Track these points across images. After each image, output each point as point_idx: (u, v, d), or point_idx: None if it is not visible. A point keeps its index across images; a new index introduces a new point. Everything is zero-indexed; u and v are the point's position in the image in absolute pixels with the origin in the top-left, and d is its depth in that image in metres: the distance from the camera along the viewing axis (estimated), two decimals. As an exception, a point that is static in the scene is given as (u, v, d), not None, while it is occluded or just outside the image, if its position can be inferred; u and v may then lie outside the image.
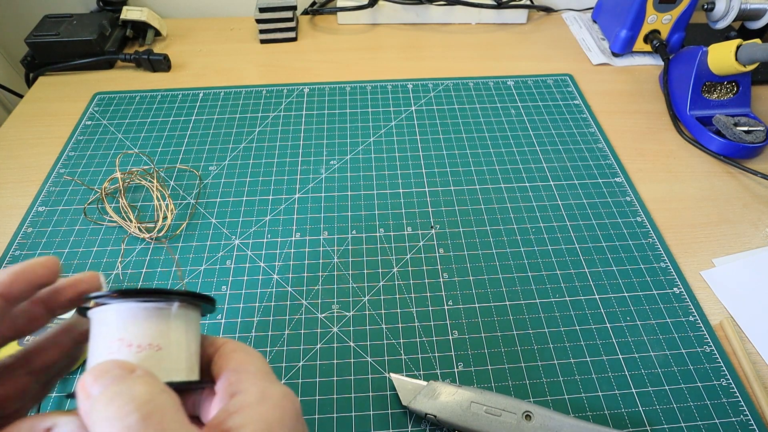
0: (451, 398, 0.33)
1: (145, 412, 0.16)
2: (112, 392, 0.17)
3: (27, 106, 0.61)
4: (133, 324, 0.19)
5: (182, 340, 0.21)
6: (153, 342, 0.19)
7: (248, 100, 0.61)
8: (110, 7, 0.71)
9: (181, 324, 0.21)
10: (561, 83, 0.64)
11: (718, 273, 0.44)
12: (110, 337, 0.19)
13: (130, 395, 0.17)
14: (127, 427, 0.16)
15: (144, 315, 0.20)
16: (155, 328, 0.20)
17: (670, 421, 0.35)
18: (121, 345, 0.19)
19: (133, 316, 0.19)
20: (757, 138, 0.52)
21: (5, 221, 0.48)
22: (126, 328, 0.19)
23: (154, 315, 0.20)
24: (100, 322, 0.20)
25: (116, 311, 0.19)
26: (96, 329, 0.20)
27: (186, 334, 0.21)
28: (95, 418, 0.17)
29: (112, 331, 0.19)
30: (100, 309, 0.20)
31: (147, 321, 0.20)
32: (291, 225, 0.47)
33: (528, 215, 0.48)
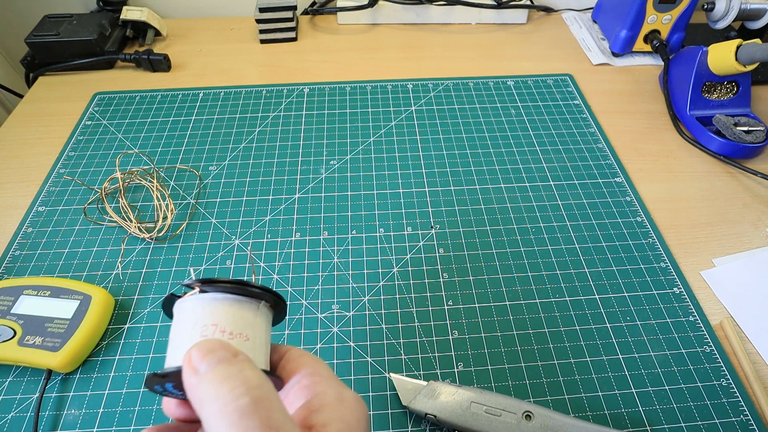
0: (451, 398, 0.33)
1: (256, 396, 0.17)
2: (222, 372, 0.17)
3: (27, 106, 0.61)
4: (226, 312, 0.20)
5: (264, 336, 0.22)
6: (243, 332, 0.20)
7: (248, 100, 0.61)
8: (110, 7, 0.71)
9: (263, 321, 0.22)
10: (561, 83, 0.64)
11: (718, 273, 0.44)
12: (205, 322, 0.20)
13: (242, 378, 0.17)
14: (239, 408, 0.16)
15: (237, 306, 0.21)
16: (245, 319, 0.21)
17: (670, 421, 0.35)
18: (215, 330, 0.20)
19: (228, 306, 0.21)
20: (757, 138, 0.52)
21: (5, 221, 0.48)
22: (221, 316, 0.20)
23: (246, 307, 0.21)
24: (194, 308, 0.21)
25: (214, 299, 0.21)
26: (189, 314, 0.21)
27: (266, 330, 0.22)
28: (205, 395, 0.17)
29: (207, 316, 0.20)
30: (196, 296, 0.21)
31: (239, 312, 0.21)
32: (291, 225, 0.47)
33: (528, 215, 0.48)
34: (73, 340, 0.37)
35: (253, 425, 0.16)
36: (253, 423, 0.16)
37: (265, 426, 0.16)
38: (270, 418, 0.17)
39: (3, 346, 0.36)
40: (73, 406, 0.36)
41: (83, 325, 0.37)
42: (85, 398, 0.36)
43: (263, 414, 0.17)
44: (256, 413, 0.16)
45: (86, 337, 0.37)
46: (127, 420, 0.35)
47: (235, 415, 0.16)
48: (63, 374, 0.37)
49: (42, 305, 0.38)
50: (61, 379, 0.37)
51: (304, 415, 0.20)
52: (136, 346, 0.39)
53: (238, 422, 0.16)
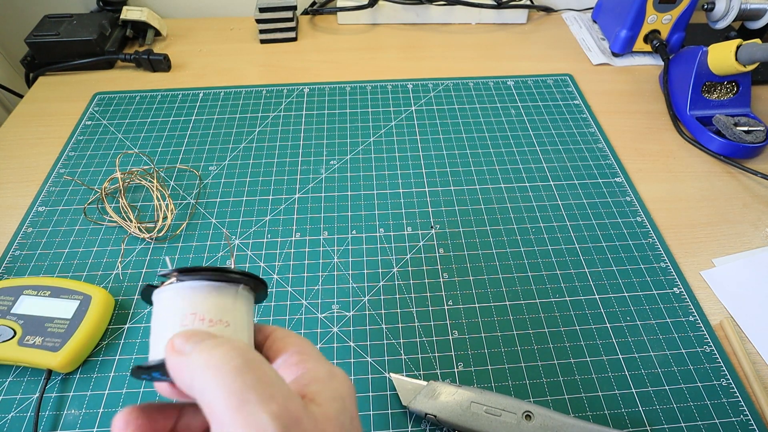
0: (451, 398, 0.33)
1: (248, 358, 0.18)
2: (210, 345, 0.18)
3: (27, 106, 0.61)
4: (205, 300, 0.21)
5: (245, 319, 0.22)
6: (222, 318, 0.21)
7: (248, 100, 0.61)
8: (110, 7, 0.71)
9: (243, 305, 0.22)
10: (561, 83, 0.64)
11: (718, 273, 0.44)
12: (184, 311, 0.20)
13: (230, 344, 0.18)
14: (235, 368, 0.17)
15: (216, 293, 0.21)
16: (224, 305, 0.21)
17: (670, 421, 0.35)
18: (194, 318, 0.20)
19: (207, 293, 0.21)
20: (757, 138, 0.52)
21: (5, 221, 0.48)
22: (199, 304, 0.20)
23: (224, 293, 0.21)
24: (172, 297, 0.21)
25: (191, 287, 0.21)
26: (168, 303, 0.21)
27: (247, 313, 0.22)
28: (195, 366, 0.18)
29: (186, 305, 0.20)
30: (173, 286, 0.21)
31: (218, 298, 0.21)
32: (291, 225, 0.47)
33: (528, 215, 0.48)
34: (73, 340, 0.37)
35: (251, 380, 0.17)
36: (250, 378, 0.17)
37: (261, 381, 0.17)
38: (265, 373, 0.18)
39: (3, 346, 0.36)
40: (73, 406, 0.36)
41: (83, 325, 0.37)
42: (85, 398, 0.36)
43: (258, 371, 0.17)
44: (250, 371, 0.17)
45: (86, 337, 0.37)
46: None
47: (231, 374, 0.17)
48: (63, 374, 0.37)
49: (42, 305, 0.38)
50: (61, 379, 0.37)
51: (297, 388, 0.20)
52: (136, 346, 0.39)
53: (235, 380, 0.17)
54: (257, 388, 0.17)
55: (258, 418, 0.16)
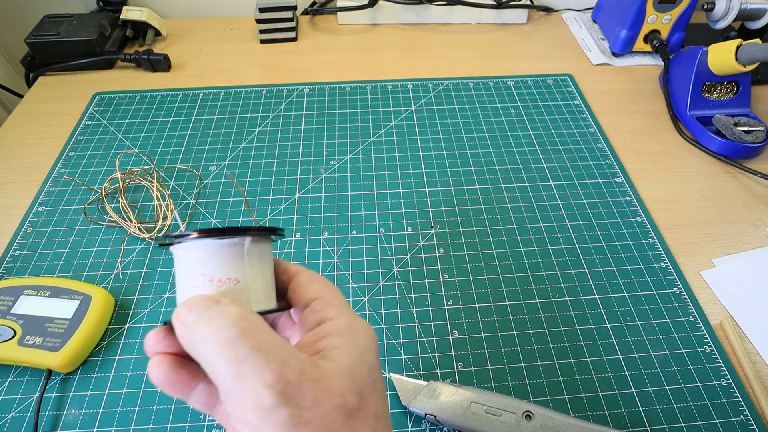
0: (451, 398, 0.33)
1: (242, 326, 0.18)
2: (208, 316, 0.19)
3: (27, 106, 0.61)
4: (212, 260, 0.21)
5: (257, 272, 0.22)
6: (231, 276, 0.21)
7: (248, 100, 0.61)
8: (110, 7, 0.71)
9: (255, 257, 0.22)
10: (561, 83, 0.64)
11: (718, 273, 0.44)
12: (194, 272, 0.21)
13: (225, 314, 0.19)
14: (227, 340, 0.18)
15: (221, 251, 0.21)
16: (232, 263, 0.21)
17: (670, 421, 0.35)
18: (203, 279, 0.21)
19: (212, 253, 0.21)
20: (757, 138, 0.52)
21: (5, 221, 0.48)
22: (206, 264, 0.21)
23: (230, 251, 0.21)
24: (183, 258, 0.22)
25: (197, 248, 0.21)
26: (180, 264, 0.22)
27: (260, 265, 0.22)
28: (196, 339, 0.19)
29: (195, 266, 0.21)
30: (181, 246, 0.21)
31: (224, 257, 0.21)
32: (291, 225, 0.47)
33: (528, 215, 0.48)
34: (73, 340, 0.37)
35: (244, 350, 0.18)
36: (243, 348, 0.18)
37: (254, 349, 0.18)
38: (259, 342, 0.18)
39: (3, 346, 0.36)
40: (73, 406, 0.36)
41: (83, 325, 0.37)
42: (85, 398, 0.36)
43: (251, 340, 0.18)
44: (243, 341, 0.18)
45: (86, 337, 0.37)
46: (127, 420, 0.35)
47: (225, 346, 0.18)
48: (63, 374, 0.37)
49: (42, 305, 0.38)
50: (61, 379, 0.37)
51: (314, 340, 0.21)
52: (136, 346, 0.39)
53: (229, 351, 0.18)
54: (251, 358, 0.18)
55: (253, 388, 0.17)
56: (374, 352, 0.21)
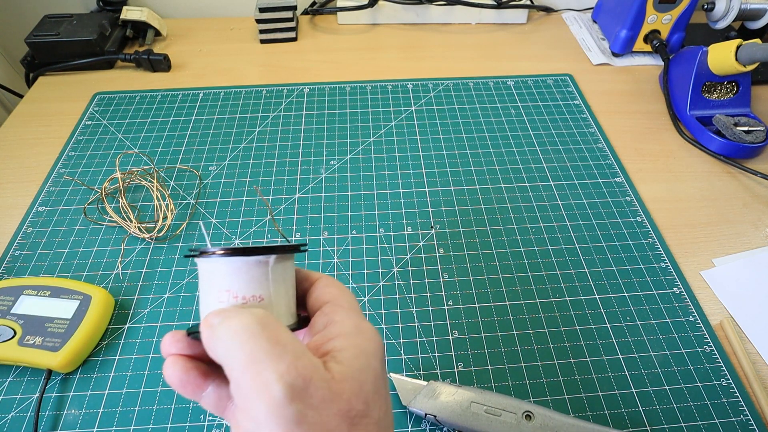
0: (451, 398, 0.33)
1: (263, 322, 0.19)
2: (231, 315, 0.20)
3: (27, 106, 0.61)
4: (237, 278, 0.22)
5: (280, 289, 0.23)
6: (256, 294, 0.22)
7: (248, 100, 0.61)
8: (110, 7, 0.71)
9: (279, 274, 0.23)
10: (561, 83, 0.64)
11: (718, 273, 0.44)
12: (219, 288, 0.22)
13: (248, 313, 0.19)
14: (246, 328, 0.19)
15: (246, 269, 0.22)
16: (257, 281, 0.22)
17: (670, 421, 0.35)
18: (229, 296, 0.21)
19: (238, 270, 0.22)
20: (757, 138, 0.52)
21: (5, 221, 0.48)
22: (232, 281, 0.22)
23: (255, 269, 0.22)
24: (209, 272, 0.22)
25: (224, 264, 0.22)
26: (206, 277, 0.22)
27: (284, 282, 0.23)
28: (219, 334, 0.19)
29: (221, 282, 0.22)
30: (208, 260, 0.22)
31: (249, 275, 0.22)
32: (291, 225, 0.47)
33: (528, 215, 0.48)
34: (73, 340, 0.37)
35: (261, 341, 0.18)
36: (261, 339, 0.18)
37: (273, 342, 0.18)
38: (277, 336, 0.19)
39: (3, 346, 0.36)
40: (73, 406, 0.36)
41: (83, 325, 0.37)
42: (85, 398, 0.36)
43: (270, 334, 0.19)
44: (263, 333, 0.18)
45: (86, 337, 0.37)
46: (127, 420, 0.35)
47: (245, 335, 0.18)
48: (63, 374, 0.37)
49: (42, 305, 0.38)
50: (61, 379, 0.37)
51: (321, 342, 0.21)
52: (136, 346, 0.39)
53: (247, 340, 0.18)
54: (268, 349, 0.18)
55: (265, 377, 0.18)
56: (380, 357, 0.22)
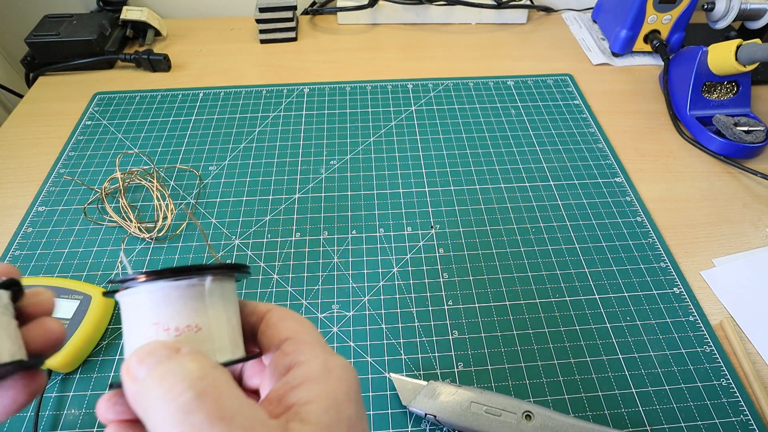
0: (451, 398, 0.33)
1: (200, 389, 0.15)
2: (161, 371, 0.16)
3: (27, 106, 0.61)
4: (166, 306, 0.18)
5: (222, 316, 0.19)
6: (191, 323, 0.18)
7: (248, 100, 0.61)
8: (110, 7, 0.71)
9: (218, 299, 0.19)
10: (561, 83, 0.64)
11: (718, 273, 0.44)
12: (145, 322, 0.18)
13: (181, 373, 0.16)
14: (181, 407, 0.15)
15: (177, 295, 0.18)
16: (191, 308, 0.18)
17: (670, 421, 0.35)
18: (157, 329, 0.18)
19: (166, 297, 0.18)
20: (757, 138, 0.52)
21: (5, 221, 0.48)
22: (160, 312, 0.18)
23: (188, 294, 0.18)
24: (131, 307, 0.18)
25: (147, 293, 0.18)
26: (128, 314, 0.19)
27: (224, 309, 0.19)
28: (146, 400, 0.16)
29: (146, 315, 0.18)
30: (128, 292, 0.18)
31: (181, 301, 0.18)
32: (291, 225, 0.47)
33: (528, 215, 0.48)
34: (73, 340, 0.37)
35: (201, 420, 0.15)
36: (200, 417, 0.15)
37: (214, 418, 0.15)
38: (220, 408, 0.15)
39: None
40: (73, 406, 0.36)
41: (83, 325, 0.37)
42: (85, 398, 0.36)
43: (211, 406, 0.15)
44: (201, 408, 0.15)
45: (86, 337, 0.37)
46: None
47: (179, 414, 0.15)
48: (63, 374, 0.37)
49: (42, 305, 0.38)
50: (61, 378, 0.37)
51: (284, 391, 0.18)
52: (136, 346, 0.39)
53: (183, 421, 0.15)
54: (209, 429, 0.15)
55: None
56: (354, 399, 0.19)
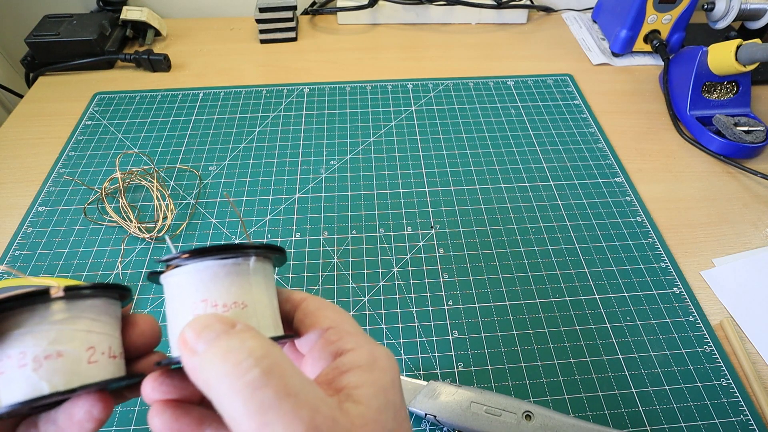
0: (451, 398, 0.33)
1: (265, 366, 0.16)
2: (223, 347, 0.16)
3: (27, 106, 0.61)
4: (214, 283, 0.18)
5: (264, 296, 0.20)
6: (238, 300, 0.18)
7: (248, 100, 0.61)
8: (110, 7, 0.71)
9: (261, 279, 0.20)
10: (561, 83, 0.64)
11: (718, 273, 0.44)
12: (193, 299, 0.18)
13: (246, 350, 0.16)
14: (249, 383, 0.15)
15: (224, 273, 0.19)
16: (237, 285, 0.19)
17: (670, 421, 0.35)
18: (206, 306, 0.18)
19: (214, 275, 0.18)
20: (757, 138, 0.52)
21: (5, 221, 0.48)
22: (208, 289, 0.18)
23: (234, 272, 0.19)
24: (179, 285, 0.19)
25: (196, 271, 0.18)
26: (175, 293, 0.19)
27: (266, 288, 0.20)
28: (209, 375, 0.16)
29: (194, 292, 0.18)
30: (176, 272, 0.19)
31: (228, 279, 0.19)
32: (291, 225, 0.47)
33: (528, 215, 0.48)
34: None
35: (270, 396, 0.15)
36: (269, 394, 0.15)
37: (282, 394, 0.15)
38: (286, 385, 0.16)
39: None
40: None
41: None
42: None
43: (277, 383, 0.15)
44: (269, 384, 0.15)
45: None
46: (127, 420, 0.35)
47: (247, 390, 0.15)
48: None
49: (42, 305, 0.38)
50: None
51: (333, 376, 0.19)
52: (136, 346, 0.39)
53: (252, 397, 0.15)
54: (277, 405, 0.15)
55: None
56: (398, 387, 0.19)
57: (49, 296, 0.17)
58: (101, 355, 0.18)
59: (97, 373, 0.18)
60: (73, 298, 0.18)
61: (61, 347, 0.17)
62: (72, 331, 0.17)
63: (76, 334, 0.17)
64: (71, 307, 0.18)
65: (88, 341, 0.18)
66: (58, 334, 0.17)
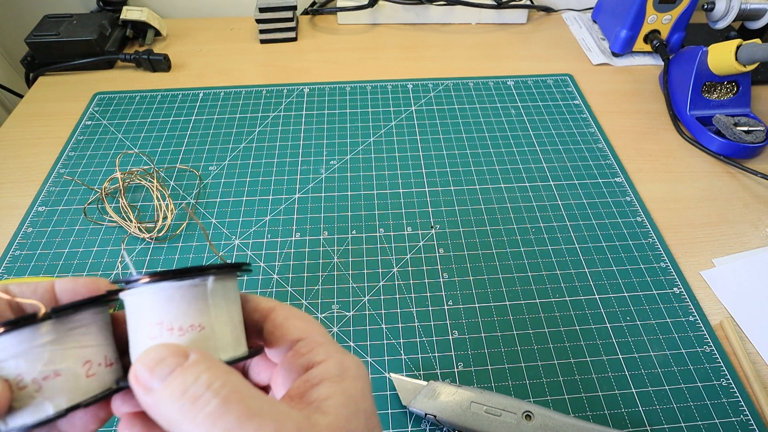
0: (451, 398, 0.33)
1: (224, 396, 0.16)
2: (177, 384, 0.16)
3: (27, 106, 0.61)
4: (170, 306, 0.18)
5: (223, 315, 0.19)
6: (194, 322, 0.18)
7: (248, 100, 0.61)
8: (110, 7, 0.71)
9: (220, 298, 0.19)
10: (561, 83, 0.64)
11: (718, 273, 0.44)
12: (149, 322, 0.18)
13: (201, 384, 0.16)
14: (209, 415, 0.15)
15: (180, 295, 0.18)
16: (194, 307, 0.19)
17: (670, 421, 0.35)
18: (162, 329, 0.18)
19: (169, 298, 0.18)
20: (757, 138, 0.52)
21: (5, 221, 0.48)
22: (163, 312, 0.18)
23: (191, 294, 0.19)
24: (135, 306, 0.19)
25: (151, 293, 0.18)
26: (133, 313, 0.19)
27: (227, 307, 0.20)
28: (168, 412, 0.16)
29: (150, 315, 0.18)
30: (132, 292, 0.19)
31: (184, 301, 0.18)
32: (291, 225, 0.47)
33: (528, 215, 0.48)
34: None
35: (232, 421, 0.15)
36: (231, 419, 0.15)
37: (244, 417, 0.15)
38: (248, 407, 0.16)
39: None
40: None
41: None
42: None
43: (238, 407, 0.16)
44: (229, 411, 0.15)
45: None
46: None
47: (209, 421, 0.15)
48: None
49: (42, 305, 0.38)
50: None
51: (305, 389, 0.19)
52: (136, 346, 0.39)
53: (214, 426, 0.15)
54: (242, 428, 0.15)
55: None
56: (368, 395, 0.19)
57: (36, 319, 0.17)
58: (98, 366, 0.18)
59: (97, 385, 0.18)
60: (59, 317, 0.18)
61: (57, 366, 0.17)
62: (64, 350, 0.18)
63: (68, 352, 0.18)
64: (58, 328, 0.18)
65: (83, 356, 0.18)
66: (51, 355, 0.17)
